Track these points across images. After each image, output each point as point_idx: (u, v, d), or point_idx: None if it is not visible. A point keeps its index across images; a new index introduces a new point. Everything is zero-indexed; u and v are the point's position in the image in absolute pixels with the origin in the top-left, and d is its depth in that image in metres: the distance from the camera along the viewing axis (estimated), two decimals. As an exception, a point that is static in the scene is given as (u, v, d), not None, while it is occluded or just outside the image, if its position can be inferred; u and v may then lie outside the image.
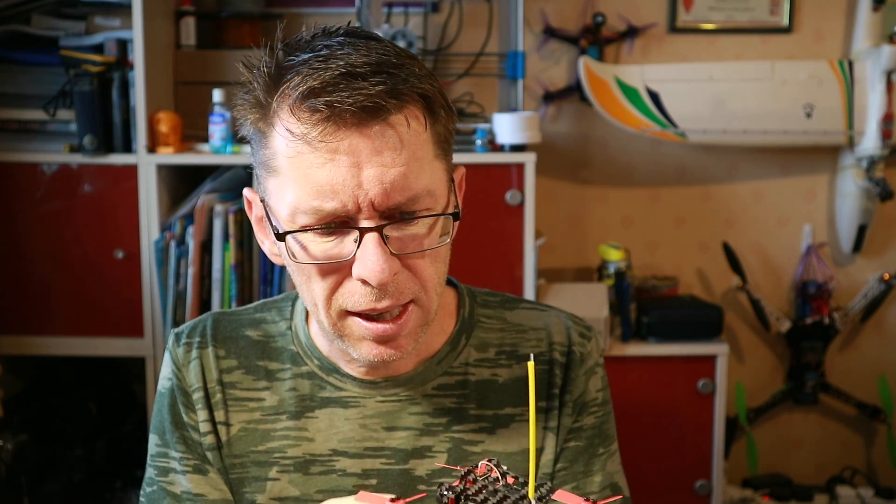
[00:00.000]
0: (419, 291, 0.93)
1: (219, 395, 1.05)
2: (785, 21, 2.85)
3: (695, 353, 2.57)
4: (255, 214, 1.01)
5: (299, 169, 0.88)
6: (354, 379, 1.03)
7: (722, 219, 2.94)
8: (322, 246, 0.90)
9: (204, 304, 2.34)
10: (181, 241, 2.34)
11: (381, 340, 0.93)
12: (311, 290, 0.93)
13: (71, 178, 2.36)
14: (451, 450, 1.01)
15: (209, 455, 1.04)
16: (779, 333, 2.93)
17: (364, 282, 0.89)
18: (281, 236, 0.91)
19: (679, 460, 2.59)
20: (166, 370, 1.08)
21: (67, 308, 2.40)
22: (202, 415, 1.05)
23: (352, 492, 1.00)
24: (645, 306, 2.63)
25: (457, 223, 0.98)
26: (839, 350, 3.00)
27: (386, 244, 0.88)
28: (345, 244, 0.90)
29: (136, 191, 2.34)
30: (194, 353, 1.07)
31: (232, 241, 2.32)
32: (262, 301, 1.13)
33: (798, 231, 2.94)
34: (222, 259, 2.34)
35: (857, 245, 2.86)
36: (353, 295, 0.91)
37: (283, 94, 0.88)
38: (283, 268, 2.36)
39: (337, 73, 0.86)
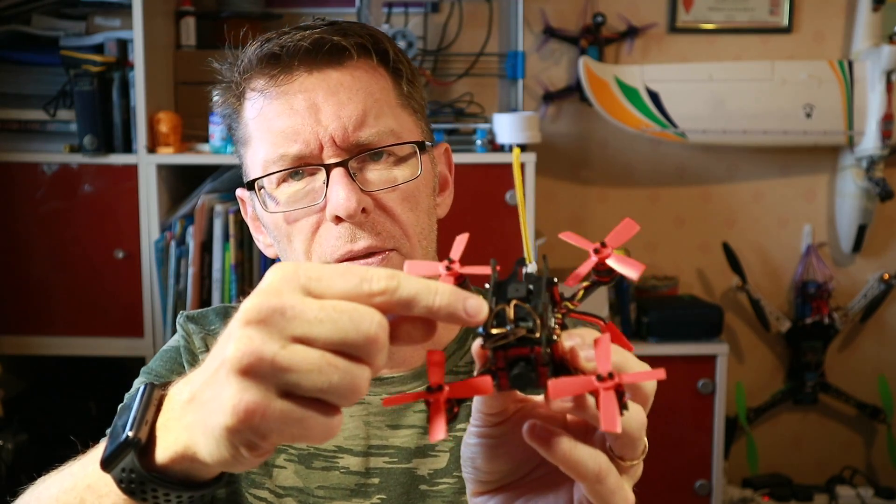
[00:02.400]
0: (401, 238, 0.93)
1: None
2: (785, 21, 2.85)
3: (695, 353, 2.57)
4: (249, 213, 1.03)
5: (263, 123, 0.93)
6: None
7: (722, 219, 2.94)
8: (293, 195, 0.92)
9: (204, 305, 2.34)
10: (181, 241, 2.34)
11: None
12: (291, 248, 0.94)
13: (71, 178, 2.36)
14: (453, 449, 1.01)
15: None
16: (779, 333, 2.93)
17: (338, 220, 0.90)
18: (251, 184, 0.94)
19: (679, 460, 2.59)
20: (175, 337, 1.06)
21: (67, 308, 2.40)
22: None
23: (352, 490, 0.99)
24: (645, 306, 2.63)
25: (445, 151, 1.01)
26: (839, 350, 3.00)
27: (353, 179, 0.90)
28: (315, 187, 0.92)
29: (136, 191, 2.34)
30: (208, 329, 1.06)
31: (232, 241, 2.32)
32: None
33: (798, 231, 2.94)
34: (222, 259, 2.34)
35: (857, 245, 2.86)
36: (329, 240, 0.91)
37: (247, 61, 0.94)
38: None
39: (293, 30, 0.94)
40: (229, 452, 0.53)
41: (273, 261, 0.97)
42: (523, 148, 2.39)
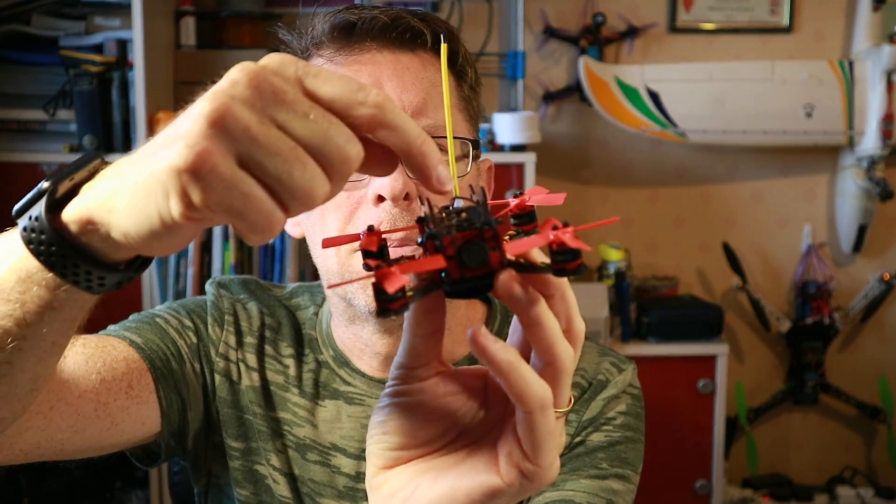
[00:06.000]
0: None
1: (251, 340, 1.02)
2: (785, 21, 2.85)
3: (695, 353, 2.56)
4: None
5: None
6: (364, 376, 1.00)
7: (722, 219, 2.94)
8: None
9: (204, 304, 2.34)
10: (181, 241, 2.34)
11: None
12: (324, 226, 0.91)
13: (71, 178, 2.35)
14: None
15: (217, 380, 1.00)
16: (779, 333, 2.93)
17: (379, 200, 0.87)
18: None
19: (679, 460, 2.59)
20: (206, 295, 1.05)
21: (67, 308, 2.39)
22: (231, 339, 1.02)
23: (341, 492, 0.98)
24: (645, 306, 2.63)
25: (489, 168, 1.01)
26: (839, 350, 3.00)
27: (402, 164, 0.88)
28: None
29: (136, 191, 2.34)
30: (240, 298, 1.05)
31: (232, 241, 2.32)
32: (297, 284, 1.11)
33: (798, 231, 2.94)
34: (222, 259, 2.34)
35: (857, 245, 2.86)
36: (367, 221, 0.88)
37: (320, 28, 0.93)
38: (282, 269, 2.36)
39: (371, 6, 0.93)
40: (158, 202, 0.48)
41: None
42: (523, 148, 2.39)
